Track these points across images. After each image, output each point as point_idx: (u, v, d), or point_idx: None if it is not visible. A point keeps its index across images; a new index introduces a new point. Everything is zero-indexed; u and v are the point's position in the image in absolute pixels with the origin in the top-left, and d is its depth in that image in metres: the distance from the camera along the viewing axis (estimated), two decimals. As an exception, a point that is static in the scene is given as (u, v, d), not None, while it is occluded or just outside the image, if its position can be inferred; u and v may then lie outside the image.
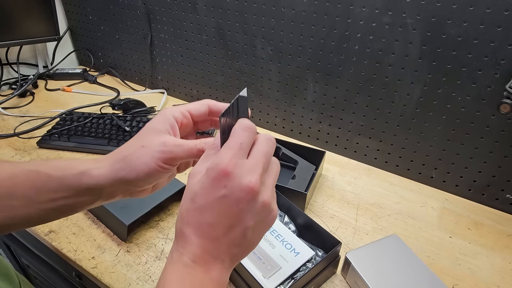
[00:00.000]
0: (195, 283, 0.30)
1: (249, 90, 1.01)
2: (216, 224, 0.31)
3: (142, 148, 0.36)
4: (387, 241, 0.63)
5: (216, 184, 0.30)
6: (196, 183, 0.31)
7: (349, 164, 0.92)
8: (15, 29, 1.08)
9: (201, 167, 0.32)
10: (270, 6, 0.85)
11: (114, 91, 1.19)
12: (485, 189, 0.78)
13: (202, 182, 0.31)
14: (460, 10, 0.65)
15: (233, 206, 0.30)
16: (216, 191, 0.30)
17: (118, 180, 0.36)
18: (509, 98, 0.60)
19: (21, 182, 0.37)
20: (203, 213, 0.31)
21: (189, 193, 0.32)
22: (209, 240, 0.31)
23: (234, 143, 0.31)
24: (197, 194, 0.31)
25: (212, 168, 0.30)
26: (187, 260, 0.31)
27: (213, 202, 0.30)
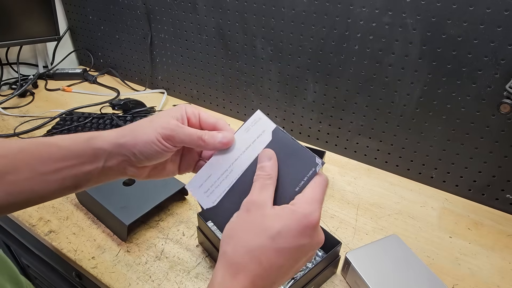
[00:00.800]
0: None
1: (249, 90, 1.01)
2: (284, 267, 0.32)
3: (149, 122, 0.39)
4: (387, 241, 0.63)
5: (304, 233, 0.32)
6: (278, 221, 0.32)
7: (349, 164, 0.92)
8: (15, 29, 1.08)
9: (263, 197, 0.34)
10: (270, 6, 0.85)
11: (114, 91, 1.19)
12: (485, 189, 0.78)
13: (289, 226, 0.32)
14: (460, 10, 0.65)
15: (305, 254, 0.33)
16: (302, 240, 0.32)
17: (120, 145, 0.38)
18: (509, 98, 0.60)
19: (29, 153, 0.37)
20: (279, 256, 0.31)
21: (268, 230, 0.32)
22: (267, 282, 0.32)
23: (320, 197, 0.34)
24: (281, 236, 0.31)
25: (305, 216, 0.32)
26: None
27: (295, 248, 0.32)
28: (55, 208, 0.73)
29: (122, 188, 0.70)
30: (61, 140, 0.39)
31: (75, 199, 0.75)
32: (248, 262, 0.31)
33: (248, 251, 0.32)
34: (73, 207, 0.73)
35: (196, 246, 0.66)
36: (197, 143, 0.38)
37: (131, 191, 0.70)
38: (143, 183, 0.72)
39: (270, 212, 0.33)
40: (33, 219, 0.70)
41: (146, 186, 0.71)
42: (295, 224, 0.31)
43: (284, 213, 0.32)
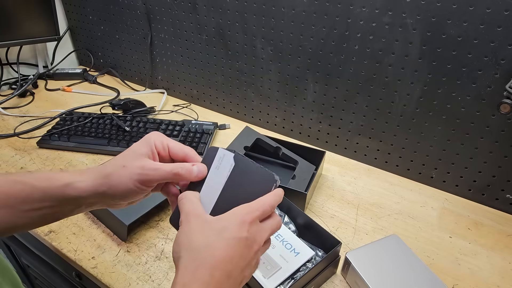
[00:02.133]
0: None
1: (249, 90, 1.01)
2: (235, 258, 0.35)
3: (123, 168, 0.40)
4: (387, 241, 0.63)
5: (243, 227, 0.36)
6: (220, 221, 0.37)
7: (349, 164, 0.92)
8: (15, 29, 1.08)
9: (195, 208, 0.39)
10: (270, 6, 0.85)
11: (114, 91, 1.19)
12: (485, 189, 0.78)
13: (230, 222, 0.36)
14: (460, 10, 0.65)
15: (250, 247, 0.36)
16: (242, 232, 0.36)
17: (98, 194, 0.40)
18: (509, 98, 0.60)
19: (6, 191, 0.39)
20: (228, 247, 0.35)
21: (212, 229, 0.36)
22: (227, 278, 0.35)
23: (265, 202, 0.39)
24: (225, 230, 0.36)
25: (242, 214, 0.37)
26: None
27: (239, 239, 0.36)
28: (55, 208, 0.73)
29: (122, 188, 0.70)
30: (35, 179, 0.40)
31: (75, 199, 0.74)
32: (203, 258, 0.35)
33: (200, 248, 0.35)
34: (73, 207, 0.73)
35: (196, 246, 0.66)
36: (173, 178, 0.41)
37: (131, 191, 0.70)
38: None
39: (209, 217, 0.37)
40: (33, 219, 0.69)
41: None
42: (235, 219, 0.36)
43: (224, 216, 0.37)
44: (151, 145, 0.42)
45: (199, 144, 0.91)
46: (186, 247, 0.36)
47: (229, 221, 0.36)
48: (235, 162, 0.42)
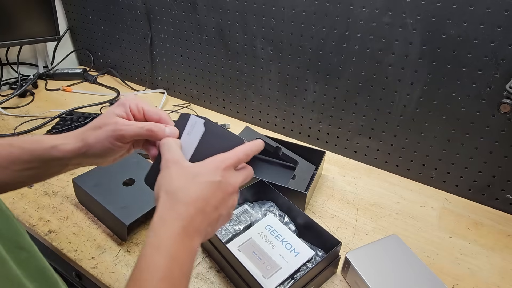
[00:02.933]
0: (185, 249, 0.37)
1: (249, 90, 1.01)
2: (210, 200, 0.39)
3: (99, 128, 0.44)
4: (387, 241, 0.63)
5: (217, 171, 0.40)
6: (195, 167, 0.40)
7: (349, 164, 0.92)
8: (15, 29, 1.08)
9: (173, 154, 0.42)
10: (270, 6, 0.85)
11: (114, 91, 1.19)
12: (485, 189, 0.78)
13: (205, 167, 0.40)
14: (460, 10, 0.65)
15: (225, 191, 0.40)
16: (216, 176, 0.40)
17: (80, 154, 0.44)
18: (509, 98, 0.60)
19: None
20: (203, 188, 0.39)
21: (189, 173, 0.40)
22: (200, 213, 0.38)
23: (238, 153, 0.42)
24: (200, 174, 0.39)
25: (216, 161, 0.40)
26: (179, 227, 0.37)
27: (213, 182, 0.39)
28: (55, 208, 0.73)
29: (122, 188, 0.70)
30: (23, 142, 0.44)
31: (75, 199, 0.75)
32: (180, 197, 0.38)
33: (178, 189, 0.39)
34: (73, 207, 0.73)
35: (196, 246, 0.66)
36: (147, 135, 0.44)
37: (131, 191, 0.70)
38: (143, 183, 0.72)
39: (187, 164, 0.41)
40: (33, 219, 0.70)
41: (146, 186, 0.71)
42: (209, 165, 0.40)
43: (201, 163, 0.41)
44: (125, 107, 0.46)
45: (199, 144, 0.91)
46: (165, 189, 0.39)
47: (204, 167, 0.40)
48: (206, 128, 0.46)
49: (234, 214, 0.68)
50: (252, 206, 0.70)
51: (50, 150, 0.44)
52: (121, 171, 0.74)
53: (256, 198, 0.73)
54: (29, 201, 0.74)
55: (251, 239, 0.62)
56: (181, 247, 0.37)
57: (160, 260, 0.35)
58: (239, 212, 0.69)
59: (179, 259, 0.37)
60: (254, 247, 0.61)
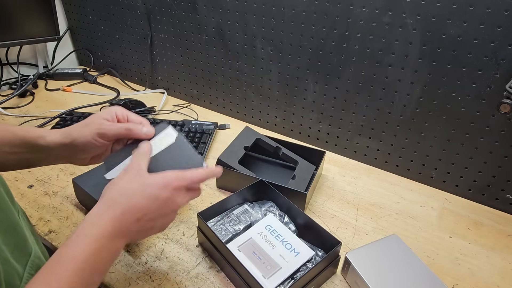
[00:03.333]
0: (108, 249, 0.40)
1: (249, 90, 1.01)
2: (151, 209, 0.43)
3: (85, 126, 0.50)
4: (387, 241, 0.63)
5: (166, 189, 0.44)
6: (150, 177, 0.44)
7: (349, 164, 0.92)
8: (15, 29, 1.08)
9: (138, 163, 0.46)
10: (270, 6, 0.85)
11: (114, 91, 1.19)
12: (485, 189, 0.78)
13: (157, 181, 0.44)
14: (460, 10, 0.65)
15: (167, 207, 0.44)
16: (164, 192, 0.43)
17: (63, 145, 0.50)
18: (509, 98, 0.60)
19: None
20: (147, 199, 0.42)
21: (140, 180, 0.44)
22: (135, 221, 0.42)
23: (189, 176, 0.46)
24: (150, 185, 0.43)
25: (169, 179, 0.44)
26: (110, 228, 0.40)
27: (158, 197, 0.43)
28: (55, 208, 0.73)
29: (122, 188, 0.70)
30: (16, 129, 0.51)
31: (75, 199, 0.75)
32: (121, 198, 0.42)
33: (122, 190, 0.43)
34: (73, 207, 0.73)
35: (196, 246, 0.66)
36: (125, 133, 0.50)
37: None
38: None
39: (145, 173, 0.45)
40: (33, 219, 0.70)
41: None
42: (163, 179, 0.44)
43: (157, 175, 0.44)
44: (111, 112, 0.52)
45: (199, 144, 0.91)
46: (113, 188, 0.43)
47: (156, 180, 0.44)
48: (175, 141, 0.51)
49: (234, 214, 0.68)
50: (252, 206, 0.70)
51: (38, 139, 0.50)
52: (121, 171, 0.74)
53: (256, 198, 0.73)
54: (29, 201, 0.74)
55: (251, 239, 0.62)
56: (105, 247, 0.40)
57: (80, 253, 0.38)
58: (239, 212, 0.69)
59: (99, 257, 0.39)
60: (254, 247, 0.61)
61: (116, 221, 0.41)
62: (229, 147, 0.80)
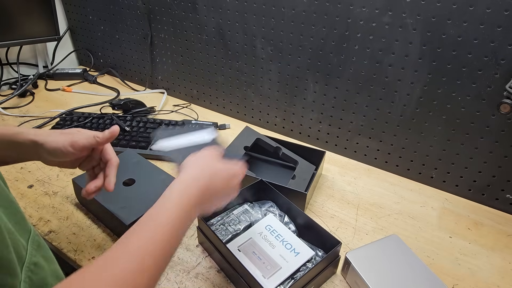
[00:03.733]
0: (190, 218, 0.46)
1: (249, 90, 1.01)
2: (218, 188, 0.50)
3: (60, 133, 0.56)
4: (387, 241, 0.63)
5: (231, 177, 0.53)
6: (222, 163, 0.52)
7: (349, 164, 0.92)
8: (15, 29, 1.08)
9: (215, 150, 0.55)
10: (270, 6, 0.85)
11: (114, 91, 1.19)
12: (485, 189, 0.78)
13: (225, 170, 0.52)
14: (460, 10, 0.65)
15: (230, 187, 0.52)
16: (234, 180, 0.53)
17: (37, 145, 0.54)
18: (509, 98, 0.60)
19: None
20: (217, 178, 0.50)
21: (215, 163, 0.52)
22: (210, 196, 0.49)
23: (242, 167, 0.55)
24: (220, 169, 0.51)
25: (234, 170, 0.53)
26: (190, 200, 0.46)
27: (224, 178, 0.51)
28: (55, 208, 0.73)
29: (122, 188, 0.70)
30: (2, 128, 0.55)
31: (75, 199, 0.75)
32: (205, 175, 0.49)
33: (206, 168, 0.50)
34: (73, 207, 0.73)
35: (196, 246, 0.66)
36: (93, 140, 0.55)
37: (131, 191, 0.70)
38: (143, 183, 0.72)
39: (221, 159, 0.53)
40: (33, 219, 0.70)
41: (146, 186, 0.71)
42: (233, 170, 0.53)
43: (231, 164, 0.53)
44: (85, 131, 0.58)
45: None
46: (198, 165, 0.51)
47: (231, 168, 0.53)
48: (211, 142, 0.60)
49: (234, 214, 0.68)
50: (252, 206, 0.70)
51: (15, 135, 0.54)
52: (121, 171, 0.73)
53: (256, 198, 0.73)
54: (29, 201, 0.74)
55: (251, 239, 0.62)
56: (188, 214, 0.45)
57: (169, 217, 0.42)
58: (239, 212, 0.69)
59: (182, 223, 0.44)
60: (254, 247, 0.61)
61: (200, 194, 0.46)
62: (229, 147, 0.80)
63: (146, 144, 0.90)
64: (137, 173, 0.74)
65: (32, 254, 0.44)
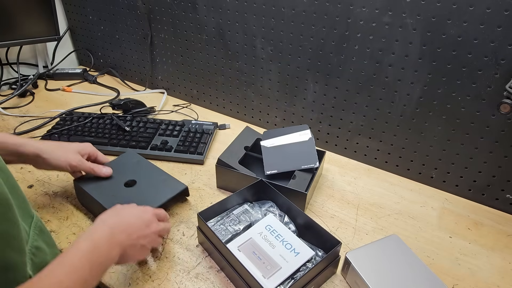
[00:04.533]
0: (106, 250, 0.48)
1: (249, 90, 1.01)
2: (134, 225, 0.54)
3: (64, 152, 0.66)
4: (387, 241, 0.63)
5: (148, 212, 0.59)
6: (138, 210, 0.58)
7: (349, 164, 0.92)
8: (15, 29, 1.08)
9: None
10: (270, 6, 0.85)
11: (114, 91, 1.19)
12: (485, 189, 0.78)
13: (142, 207, 0.59)
14: (460, 10, 0.65)
15: (146, 226, 0.56)
16: (145, 214, 0.58)
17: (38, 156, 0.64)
18: (509, 98, 0.60)
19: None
20: (131, 216, 0.56)
21: (128, 207, 0.58)
22: (122, 231, 0.52)
23: (162, 212, 0.62)
24: (135, 208, 0.58)
25: (152, 208, 0.61)
26: (108, 232, 0.49)
27: (138, 217, 0.56)
28: (55, 208, 0.73)
29: (123, 189, 0.70)
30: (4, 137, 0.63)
31: (75, 199, 0.75)
32: (112, 216, 0.54)
33: (112, 212, 0.55)
34: (73, 207, 0.73)
35: (196, 246, 0.66)
36: (91, 172, 0.70)
37: (132, 192, 0.70)
38: (144, 184, 0.72)
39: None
40: (33, 219, 0.69)
41: (147, 187, 0.71)
42: (143, 207, 0.59)
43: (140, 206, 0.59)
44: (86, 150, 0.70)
45: (199, 144, 0.91)
46: (105, 213, 0.54)
47: (140, 206, 0.59)
48: (308, 140, 0.78)
49: (234, 214, 0.68)
50: (252, 206, 0.70)
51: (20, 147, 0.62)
52: (122, 172, 0.74)
53: (256, 198, 0.73)
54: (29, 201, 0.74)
55: (251, 239, 0.62)
56: (100, 248, 0.47)
57: (78, 252, 0.44)
58: (239, 212, 0.69)
59: (95, 257, 0.45)
60: (254, 247, 0.61)
61: (109, 230, 0.49)
62: (230, 147, 0.80)
63: (146, 144, 0.90)
64: (138, 173, 0.74)
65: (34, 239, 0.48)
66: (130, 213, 0.55)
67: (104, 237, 0.48)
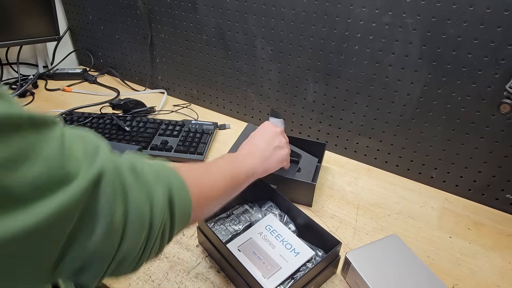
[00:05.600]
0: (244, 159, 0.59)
1: (249, 90, 1.01)
2: (266, 141, 0.65)
3: None
4: (387, 241, 0.63)
5: (274, 135, 0.67)
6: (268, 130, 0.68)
7: (349, 164, 0.92)
8: (15, 29, 1.08)
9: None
10: (270, 6, 0.85)
11: (114, 91, 1.19)
12: (485, 189, 0.78)
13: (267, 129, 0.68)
14: (460, 10, 0.65)
15: (274, 143, 0.65)
16: (275, 137, 0.66)
17: None
18: (509, 98, 0.60)
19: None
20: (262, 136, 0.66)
21: (262, 134, 0.67)
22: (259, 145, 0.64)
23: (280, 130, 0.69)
24: (266, 135, 0.66)
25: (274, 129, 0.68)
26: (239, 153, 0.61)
27: (269, 136, 0.66)
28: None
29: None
30: None
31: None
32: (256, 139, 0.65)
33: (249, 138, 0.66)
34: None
35: (196, 246, 0.66)
36: None
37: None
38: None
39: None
40: (33, 219, 0.69)
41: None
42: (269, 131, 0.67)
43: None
44: None
45: (199, 144, 0.91)
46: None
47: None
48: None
49: (234, 214, 0.68)
50: (252, 206, 0.70)
51: None
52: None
53: (256, 198, 0.73)
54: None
55: (251, 239, 0.62)
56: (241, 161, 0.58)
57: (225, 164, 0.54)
58: (239, 212, 0.69)
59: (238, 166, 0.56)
60: (254, 247, 0.61)
61: (246, 148, 0.62)
62: (233, 144, 0.81)
63: (146, 144, 0.90)
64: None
65: None
66: (259, 131, 0.66)
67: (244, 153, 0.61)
